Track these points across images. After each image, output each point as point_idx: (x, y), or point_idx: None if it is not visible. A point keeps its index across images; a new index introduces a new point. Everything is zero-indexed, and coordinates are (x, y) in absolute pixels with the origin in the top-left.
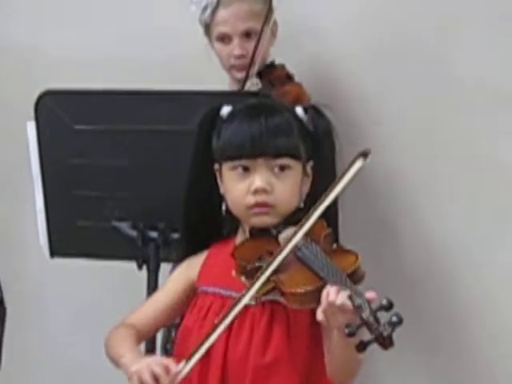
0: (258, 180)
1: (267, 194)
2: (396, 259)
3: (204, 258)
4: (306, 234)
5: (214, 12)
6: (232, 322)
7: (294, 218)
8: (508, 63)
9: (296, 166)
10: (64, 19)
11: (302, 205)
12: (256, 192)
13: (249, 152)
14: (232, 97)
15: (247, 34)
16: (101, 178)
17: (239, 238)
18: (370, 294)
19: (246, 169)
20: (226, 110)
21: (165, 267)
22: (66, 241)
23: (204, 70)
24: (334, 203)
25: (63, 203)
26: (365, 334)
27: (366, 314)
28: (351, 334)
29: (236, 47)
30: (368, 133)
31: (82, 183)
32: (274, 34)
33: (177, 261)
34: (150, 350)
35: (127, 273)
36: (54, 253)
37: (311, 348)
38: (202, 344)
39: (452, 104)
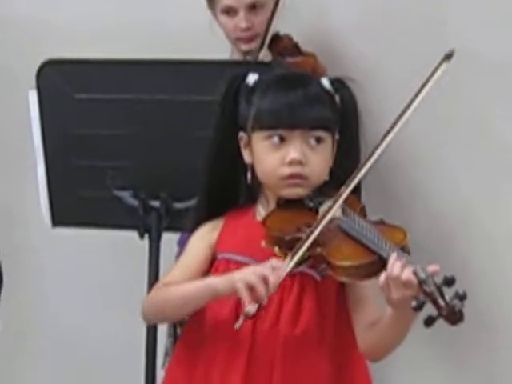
0: (293, 151)
1: (302, 165)
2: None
3: (222, 225)
4: (345, 207)
5: None
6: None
7: (323, 190)
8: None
9: (328, 139)
10: None
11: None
12: (291, 163)
13: (287, 122)
14: (237, 67)
15: (253, 6)
16: (102, 148)
17: (260, 208)
18: (433, 268)
19: (282, 139)
20: (252, 78)
21: (166, 237)
22: (67, 210)
23: (207, 40)
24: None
25: (64, 173)
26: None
27: (430, 289)
28: (418, 308)
29: (242, 20)
30: (367, 103)
31: (83, 152)
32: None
33: (192, 226)
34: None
35: (129, 242)
36: (55, 222)
37: (339, 319)
38: (303, 241)
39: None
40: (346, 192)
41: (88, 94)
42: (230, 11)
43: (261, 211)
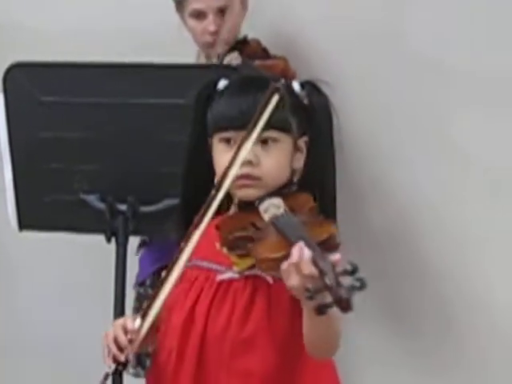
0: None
1: (253, 166)
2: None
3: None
4: (289, 206)
5: None
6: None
7: (281, 191)
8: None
9: (284, 140)
10: None
11: (295, 179)
12: (241, 164)
13: (235, 124)
14: (205, 70)
15: (221, 10)
16: (69, 151)
17: (231, 212)
18: (335, 257)
19: (230, 140)
20: (223, 83)
21: (133, 240)
22: (34, 214)
23: (174, 44)
24: (333, 180)
25: (31, 176)
26: (327, 298)
27: (328, 278)
28: (310, 297)
29: (211, 23)
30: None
31: (51, 156)
32: (244, 6)
33: (173, 232)
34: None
35: (96, 246)
36: (22, 226)
37: (292, 324)
38: (153, 298)
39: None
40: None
41: (55, 97)
42: (198, 15)
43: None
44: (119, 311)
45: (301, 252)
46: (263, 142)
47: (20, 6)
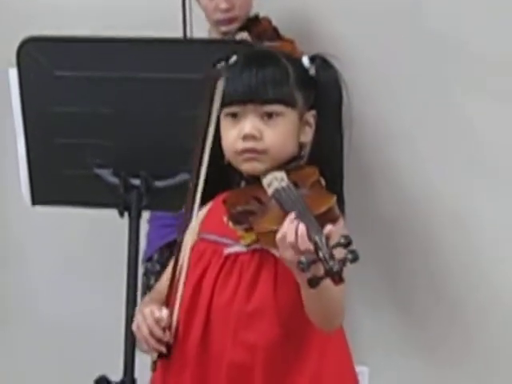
0: (246, 126)
1: (256, 140)
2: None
3: (208, 208)
4: (293, 179)
5: None
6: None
7: (288, 165)
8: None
9: (289, 114)
10: None
11: (304, 153)
12: (245, 138)
13: (239, 98)
14: (219, 46)
15: None
16: (83, 126)
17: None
18: (328, 228)
19: (236, 115)
20: (233, 59)
21: (146, 215)
22: (47, 188)
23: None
24: (341, 157)
25: (45, 151)
26: (320, 271)
27: (321, 251)
28: (303, 269)
29: (222, 1)
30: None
31: (64, 131)
32: None
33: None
34: (132, 298)
35: (109, 221)
36: (35, 201)
37: (298, 298)
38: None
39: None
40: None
41: (69, 71)
42: None
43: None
44: (132, 285)
45: (295, 226)
46: (267, 115)
47: None
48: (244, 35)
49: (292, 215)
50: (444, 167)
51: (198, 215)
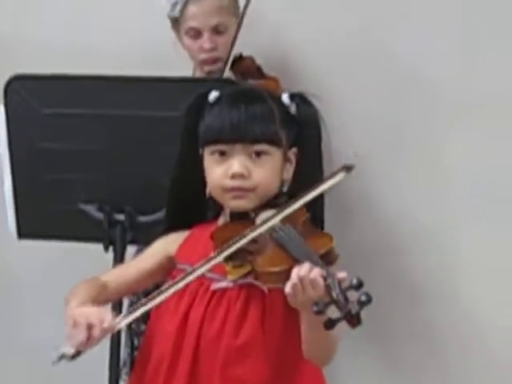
0: (235, 165)
1: (244, 178)
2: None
3: (185, 236)
4: (284, 218)
5: (184, 7)
6: (184, 287)
7: (274, 202)
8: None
9: (275, 152)
10: (37, 8)
11: (284, 189)
12: (233, 176)
13: (227, 137)
14: (202, 84)
15: (216, 29)
16: (68, 162)
17: (221, 222)
18: (341, 274)
19: (224, 153)
20: (213, 95)
21: (131, 250)
22: (33, 223)
23: (171, 58)
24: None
25: (31, 186)
26: (334, 313)
27: (335, 293)
28: (319, 312)
29: (206, 41)
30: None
31: (50, 166)
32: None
33: (157, 237)
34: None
35: (94, 255)
36: (21, 234)
37: (285, 333)
38: (146, 302)
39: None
40: (286, 211)
41: (54, 108)
42: (194, 33)
43: (220, 224)
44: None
45: (308, 266)
46: (256, 154)
47: (23, 18)
48: (227, 74)
49: (307, 265)
50: (420, 196)
51: (172, 239)
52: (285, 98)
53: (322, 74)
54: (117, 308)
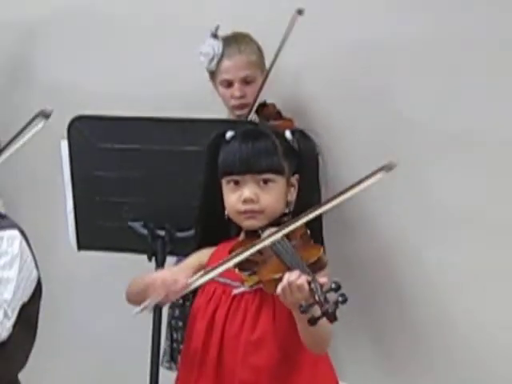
0: (246, 192)
1: (254, 202)
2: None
3: (213, 250)
4: (285, 234)
5: (218, 62)
6: (218, 274)
7: (279, 220)
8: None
9: (279, 180)
10: (94, 62)
11: (287, 210)
12: (245, 201)
13: (238, 170)
14: (229, 124)
15: (245, 80)
16: (119, 187)
17: (241, 238)
18: (322, 279)
19: (237, 182)
20: (229, 134)
21: (170, 260)
22: (90, 237)
23: (209, 104)
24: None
25: (88, 206)
26: (317, 312)
27: (317, 295)
28: (303, 311)
29: (236, 90)
30: (334, 153)
31: (104, 190)
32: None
33: (191, 249)
34: (157, 326)
35: (139, 264)
36: (80, 247)
37: (292, 327)
38: (207, 272)
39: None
40: (289, 228)
41: (108, 143)
42: (227, 83)
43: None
44: (158, 317)
45: (297, 273)
46: (263, 181)
47: (80, 72)
48: (253, 117)
49: (296, 272)
50: (409, 221)
51: (204, 252)
52: (287, 134)
53: (331, 117)
54: (157, 310)
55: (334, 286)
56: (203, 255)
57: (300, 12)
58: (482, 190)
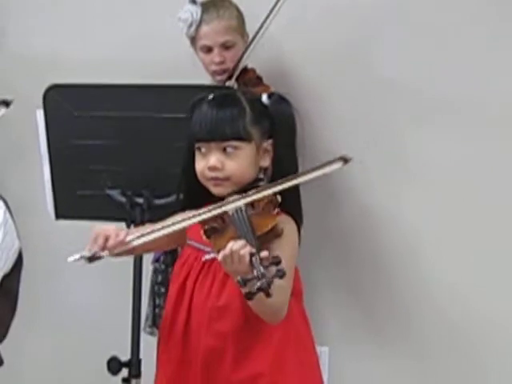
0: (211, 159)
1: (219, 170)
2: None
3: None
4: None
5: (197, 28)
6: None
7: (249, 187)
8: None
9: (245, 147)
10: (72, 29)
11: (261, 176)
12: (210, 169)
13: (203, 137)
14: (206, 90)
15: (225, 45)
16: (96, 155)
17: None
18: (263, 253)
19: (203, 150)
20: (210, 97)
21: None
22: (68, 206)
23: (189, 70)
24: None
25: (65, 175)
26: (254, 286)
27: (256, 270)
28: (240, 285)
29: (216, 56)
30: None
31: (81, 159)
32: (245, 41)
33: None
34: (137, 289)
35: None
36: (58, 216)
37: None
38: (152, 231)
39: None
40: (248, 198)
41: (85, 111)
42: (206, 49)
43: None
44: (138, 284)
45: (242, 247)
46: (224, 150)
47: (57, 41)
48: (231, 82)
49: (240, 242)
50: (388, 184)
51: (189, 213)
52: (264, 97)
53: (312, 81)
54: (137, 267)
55: (273, 260)
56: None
57: None
58: (469, 155)
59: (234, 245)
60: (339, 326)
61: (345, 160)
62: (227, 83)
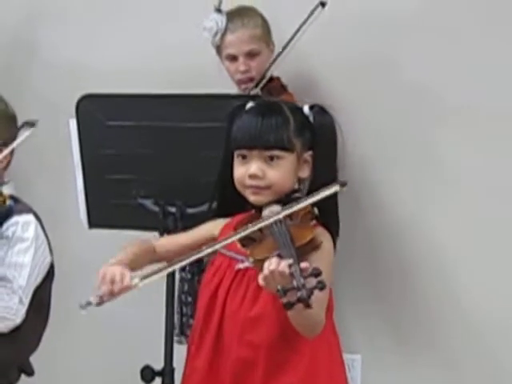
0: (252, 167)
1: (259, 178)
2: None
3: (227, 222)
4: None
5: (222, 37)
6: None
7: (287, 197)
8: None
9: (287, 156)
10: (102, 39)
11: (298, 187)
12: (250, 177)
13: (246, 144)
14: (240, 100)
15: (250, 54)
16: (129, 165)
17: (248, 214)
18: (303, 264)
19: (245, 157)
20: (249, 105)
21: None
22: (101, 215)
23: (216, 79)
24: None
25: (98, 185)
26: (293, 296)
27: (295, 280)
28: (280, 296)
29: (241, 64)
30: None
31: (114, 169)
32: (272, 52)
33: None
34: (170, 300)
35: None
36: (91, 225)
37: None
38: (160, 270)
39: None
40: (287, 211)
41: (117, 121)
42: (232, 58)
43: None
44: (171, 293)
45: (278, 264)
46: (269, 158)
47: (90, 51)
48: (256, 91)
49: (274, 259)
50: (418, 195)
51: (219, 221)
52: (305, 108)
53: (335, 89)
54: (170, 278)
55: (314, 271)
56: (217, 225)
57: (323, 4)
58: (492, 159)
59: (271, 265)
60: (369, 336)
61: (342, 184)
62: (252, 92)
